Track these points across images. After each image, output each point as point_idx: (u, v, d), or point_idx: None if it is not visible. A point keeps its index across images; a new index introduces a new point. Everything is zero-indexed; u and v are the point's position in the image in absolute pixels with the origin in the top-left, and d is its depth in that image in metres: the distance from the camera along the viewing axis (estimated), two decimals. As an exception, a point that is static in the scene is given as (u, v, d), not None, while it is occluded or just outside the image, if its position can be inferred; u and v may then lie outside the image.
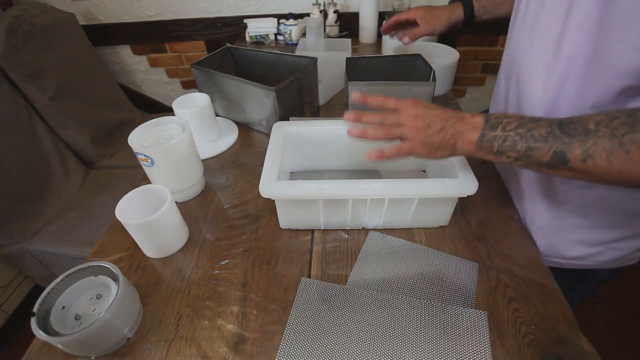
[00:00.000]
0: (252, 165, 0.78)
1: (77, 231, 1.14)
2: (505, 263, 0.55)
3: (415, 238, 0.60)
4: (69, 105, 1.30)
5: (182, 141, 0.62)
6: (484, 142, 0.45)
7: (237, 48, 1.00)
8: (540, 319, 0.48)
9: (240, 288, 0.54)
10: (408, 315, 0.49)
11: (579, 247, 0.58)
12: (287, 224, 0.62)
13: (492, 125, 0.45)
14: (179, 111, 0.77)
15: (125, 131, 1.42)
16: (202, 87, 0.92)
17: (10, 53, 1.12)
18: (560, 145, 0.40)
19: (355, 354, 0.45)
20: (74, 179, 1.32)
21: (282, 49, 1.35)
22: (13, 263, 1.21)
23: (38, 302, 0.44)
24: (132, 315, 0.48)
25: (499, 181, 0.70)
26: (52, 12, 1.32)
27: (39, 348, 0.48)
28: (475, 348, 0.45)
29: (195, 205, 0.69)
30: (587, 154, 0.38)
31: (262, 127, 0.87)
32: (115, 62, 1.70)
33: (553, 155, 0.40)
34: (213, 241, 0.61)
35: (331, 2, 1.36)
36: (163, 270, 0.57)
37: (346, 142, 0.68)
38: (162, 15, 1.55)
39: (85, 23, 1.55)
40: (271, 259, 0.58)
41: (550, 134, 0.40)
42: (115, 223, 0.65)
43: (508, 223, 0.62)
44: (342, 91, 1.06)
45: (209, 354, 0.46)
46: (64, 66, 1.30)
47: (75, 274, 0.48)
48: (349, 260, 0.57)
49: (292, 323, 0.48)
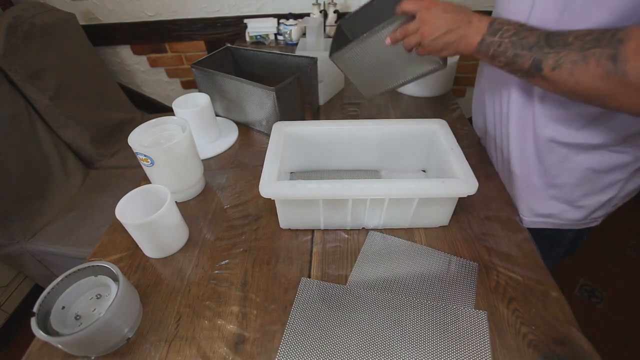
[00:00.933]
0: (252, 165, 0.78)
1: (77, 231, 1.14)
2: (505, 263, 0.55)
3: (415, 238, 0.60)
4: (69, 105, 1.30)
5: (182, 141, 0.62)
6: (482, 46, 0.50)
7: (237, 48, 1.00)
8: (540, 319, 0.48)
9: (240, 288, 0.54)
10: (408, 315, 0.49)
11: (550, 203, 0.62)
12: (287, 224, 0.62)
13: (493, 30, 0.49)
14: (179, 111, 0.77)
15: (125, 131, 1.42)
16: (202, 87, 0.92)
17: (10, 53, 1.12)
18: (539, 55, 0.44)
19: (355, 354, 0.45)
20: (74, 179, 1.32)
21: (282, 49, 1.35)
22: (13, 263, 1.21)
23: (38, 302, 0.44)
24: (132, 315, 0.48)
25: (499, 181, 0.70)
26: (52, 12, 1.32)
27: (39, 348, 0.48)
28: (475, 348, 0.45)
29: (195, 205, 0.69)
30: (557, 63, 0.42)
31: (262, 127, 0.87)
32: (115, 62, 1.70)
33: (532, 63, 0.45)
34: (213, 241, 0.61)
35: (331, 2, 1.36)
36: (163, 270, 0.57)
37: (346, 142, 0.68)
38: (162, 15, 1.55)
39: (85, 23, 1.55)
40: (271, 259, 0.58)
41: (536, 43, 0.44)
42: (115, 223, 0.65)
43: (508, 223, 0.62)
44: (342, 91, 1.06)
45: (209, 354, 0.46)
46: (64, 66, 1.30)
47: (75, 274, 0.48)
48: (349, 260, 0.57)
49: (292, 323, 0.48)
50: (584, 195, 0.60)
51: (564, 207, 0.62)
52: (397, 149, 0.69)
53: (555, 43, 0.43)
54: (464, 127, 0.86)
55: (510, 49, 0.47)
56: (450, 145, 0.60)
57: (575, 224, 0.65)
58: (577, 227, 0.65)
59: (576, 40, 0.41)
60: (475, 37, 0.50)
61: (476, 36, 0.50)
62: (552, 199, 0.62)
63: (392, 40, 0.58)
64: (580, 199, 0.60)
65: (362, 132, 0.67)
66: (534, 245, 0.58)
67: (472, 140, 0.81)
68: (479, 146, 0.79)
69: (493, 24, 0.49)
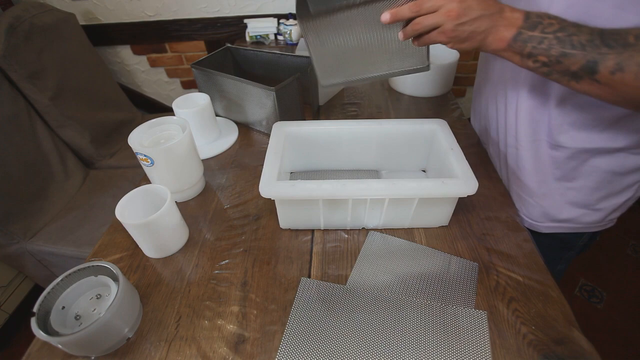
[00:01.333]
0: (252, 165, 0.78)
1: (77, 231, 1.14)
2: (505, 263, 0.55)
3: (415, 238, 0.60)
4: (69, 105, 1.30)
5: (182, 141, 0.62)
6: (517, 42, 0.42)
7: (237, 48, 1.00)
8: (540, 319, 0.48)
9: (240, 288, 0.54)
10: (408, 315, 0.49)
11: (567, 208, 0.60)
12: (287, 224, 0.62)
13: (532, 24, 0.42)
14: (179, 111, 0.77)
15: (125, 131, 1.42)
16: (202, 87, 0.92)
17: (10, 53, 1.11)
18: (595, 55, 0.38)
19: (355, 354, 0.45)
20: (74, 179, 1.32)
21: (282, 49, 1.35)
22: (13, 263, 1.21)
23: (38, 302, 0.44)
24: (132, 315, 0.48)
25: (499, 181, 0.70)
26: (52, 12, 1.32)
27: (39, 348, 0.48)
28: (475, 348, 0.45)
29: (195, 205, 0.69)
30: (619, 66, 0.37)
31: (262, 127, 0.87)
32: (115, 62, 1.71)
33: (584, 65, 0.39)
34: (213, 241, 0.61)
35: (331, 2, 1.36)
36: (163, 270, 0.57)
37: (346, 142, 0.68)
38: (162, 15, 1.55)
39: (85, 23, 1.56)
40: (271, 259, 0.58)
41: (590, 42, 0.39)
42: (115, 223, 0.65)
43: (508, 223, 0.62)
44: (342, 91, 1.06)
45: (209, 354, 0.46)
46: (64, 66, 1.30)
47: (75, 274, 0.48)
48: (349, 260, 0.57)
49: (292, 323, 0.48)
50: (603, 198, 0.58)
51: (583, 211, 0.60)
52: (397, 149, 0.69)
53: (614, 43, 0.38)
54: (464, 127, 0.86)
55: (555, 47, 0.40)
56: (450, 145, 0.60)
57: (593, 227, 0.63)
58: (595, 229, 0.63)
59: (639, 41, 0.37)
60: (509, 30, 0.43)
61: (510, 28, 0.42)
62: (569, 204, 0.60)
63: (393, 17, 0.45)
64: (598, 201, 0.58)
65: (362, 132, 0.67)
66: (534, 245, 0.58)
67: (472, 140, 0.81)
68: (479, 146, 0.79)
69: (530, 16, 0.42)
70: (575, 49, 0.39)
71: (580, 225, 0.63)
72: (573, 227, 0.63)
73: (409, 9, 0.44)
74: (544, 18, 0.42)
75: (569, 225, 0.63)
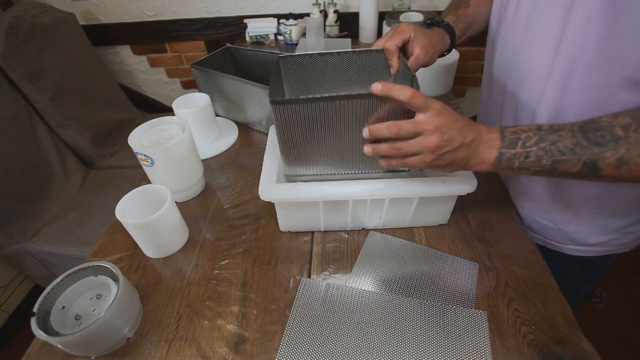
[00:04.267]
0: (252, 165, 0.78)
1: (77, 231, 1.14)
2: (505, 263, 0.55)
3: (415, 238, 0.60)
4: (69, 105, 1.30)
5: (182, 141, 0.62)
6: (502, 162, 0.42)
7: (237, 48, 1.00)
8: (540, 319, 0.48)
9: (240, 288, 0.54)
10: (408, 316, 0.49)
11: (597, 233, 0.58)
12: (287, 226, 0.61)
13: (510, 142, 0.41)
14: (179, 111, 0.77)
15: (125, 131, 1.41)
16: (202, 87, 0.92)
17: (10, 53, 1.12)
18: (590, 155, 0.38)
19: (355, 354, 0.45)
20: (74, 179, 1.32)
21: (282, 49, 1.35)
22: (13, 263, 1.21)
23: (38, 302, 0.44)
24: (132, 315, 0.48)
25: (499, 181, 0.70)
26: (52, 12, 1.32)
27: (39, 348, 0.48)
28: (475, 348, 0.45)
29: (195, 205, 0.69)
30: (621, 161, 0.37)
31: (262, 127, 0.87)
32: (115, 62, 1.70)
33: (583, 166, 0.39)
34: (213, 241, 0.61)
35: (331, 2, 1.36)
36: (163, 270, 0.57)
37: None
38: (162, 15, 1.55)
39: (85, 23, 1.55)
40: (271, 259, 0.58)
41: (576, 145, 0.39)
42: (115, 223, 0.65)
43: (508, 223, 0.61)
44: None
45: (209, 354, 0.46)
46: (64, 66, 1.30)
47: (75, 274, 0.48)
48: (349, 261, 0.57)
49: (292, 323, 0.48)
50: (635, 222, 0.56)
51: (613, 235, 0.58)
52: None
53: (602, 140, 0.38)
54: (464, 127, 0.85)
55: (544, 158, 0.40)
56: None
57: (623, 248, 0.61)
58: (624, 250, 0.62)
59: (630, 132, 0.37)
60: (489, 153, 0.42)
61: (490, 151, 0.42)
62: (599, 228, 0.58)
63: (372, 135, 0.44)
64: (629, 226, 0.57)
65: (362, 132, 0.66)
66: (534, 245, 0.58)
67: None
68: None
69: (505, 134, 0.42)
70: (565, 154, 0.39)
71: (612, 247, 0.61)
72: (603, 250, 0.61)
73: (388, 129, 0.43)
74: (519, 133, 0.41)
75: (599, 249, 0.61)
